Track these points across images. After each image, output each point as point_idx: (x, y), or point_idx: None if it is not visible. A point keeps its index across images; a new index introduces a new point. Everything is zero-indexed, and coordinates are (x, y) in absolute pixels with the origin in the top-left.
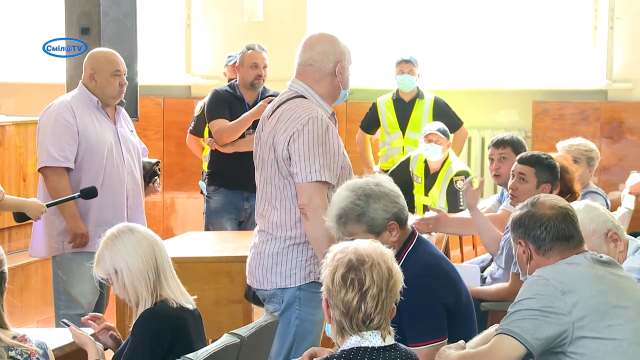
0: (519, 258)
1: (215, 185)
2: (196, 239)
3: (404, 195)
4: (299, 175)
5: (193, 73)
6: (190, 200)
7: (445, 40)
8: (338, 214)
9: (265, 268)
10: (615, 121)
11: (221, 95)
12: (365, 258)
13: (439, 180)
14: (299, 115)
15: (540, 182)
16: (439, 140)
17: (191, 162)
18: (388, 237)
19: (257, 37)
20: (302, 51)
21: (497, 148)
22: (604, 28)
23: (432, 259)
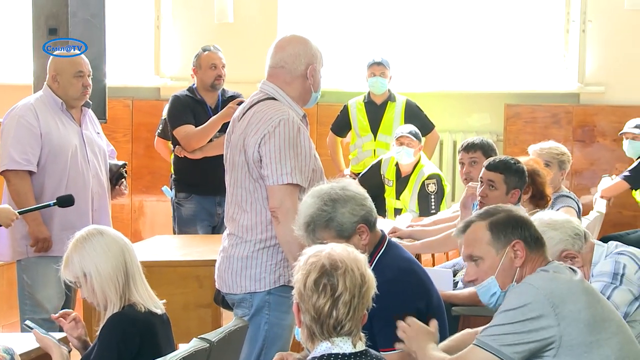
0: (506, 266)
1: (185, 192)
2: (165, 242)
3: (374, 199)
4: (270, 178)
5: (162, 75)
6: (159, 204)
7: (417, 42)
8: (306, 222)
9: (235, 272)
10: (587, 125)
11: (182, 100)
12: (339, 263)
13: (410, 183)
14: (270, 117)
15: (509, 189)
16: (411, 143)
17: (160, 165)
18: (358, 240)
19: (227, 39)
20: (274, 53)
21: (467, 152)
22: (576, 31)
23: (403, 263)
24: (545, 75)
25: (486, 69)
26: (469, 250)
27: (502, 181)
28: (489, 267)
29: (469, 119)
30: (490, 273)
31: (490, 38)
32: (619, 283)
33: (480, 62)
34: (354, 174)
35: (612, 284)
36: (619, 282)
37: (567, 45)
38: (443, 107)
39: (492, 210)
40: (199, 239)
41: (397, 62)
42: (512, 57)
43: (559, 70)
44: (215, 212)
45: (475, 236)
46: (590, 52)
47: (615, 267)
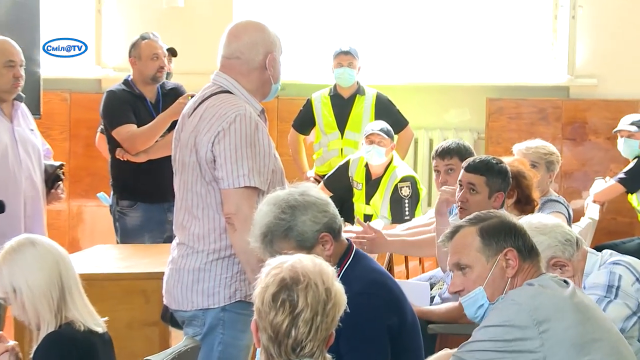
0: (496, 276)
1: (129, 200)
2: (107, 252)
3: (342, 204)
4: (224, 181)
5: (104, 65)
6: (99, 210)
7: (389, 29)
8: (262, 232)
9: (185, 286)
10: (577, 121)
11: (120, 96)
12: (301, 277)
13: (381, 186)
14: (224, 112)
15: (492, 192)
16: (382, 141)
17: (101, 166)
18: (322, 251)
19: (177, 25)
20: (228, 41)
21: (442, 159)
22: (565, 17)
23: (373, 275)
24: (531, 66)
25: (466, 59)
26: (457, 258)
27: (483, 184)
28: (478, 277)
29: (446, 114)
30: (479, 283)
31: (470, 24)
32: (614, 296)
33: (459, 52)
34: (318, 176)
35: (606, 297)
36: (614, 296)
37: (556, 32)
38: (418, 102)
39: (484, 215)
40: (146, 249)
41: (366, 51)
42: (495, 46)
43: (546, 60)
44: (166, 219)
45: (464, 242)
46: (581, 41)
47: (610, 278)
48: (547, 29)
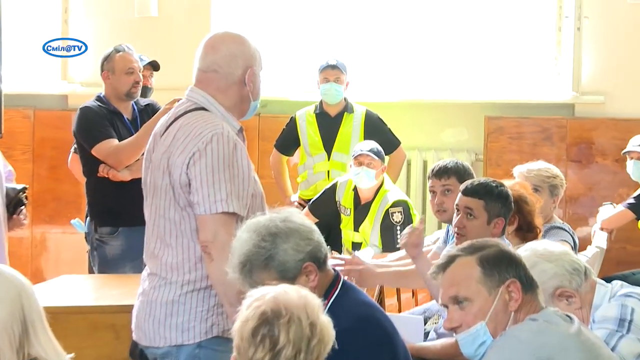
0: (499, 310)
1: (110, 226)
2: (73, 284)
3: (329, 231)
4: (200, 206)
5: (71, 80)
6: (65, 236)
7: (379, 41)
8: (241, 262)
9: (157, 320)
10: (584, 141)
11: (98, 112)
12: (283, 310)
13: (371, 212)
14: (200, 131)
15: (491, 217)
16: (372, 163)
17: (67, 190)
18: (305, 282)
19: (150, 36)
20: (204, 54)
21: (439, 179)
22: (569, 29)
23: (362, 309)
24: (534, 82)
25: (462, 73)
26: (454, 291)
27: (481, 208)
28: (479, 311)
29: (441, 134)
30: (480, 318)
31: (467, 37)
32: (626, 331)
33: (455, 66)
34: (303, 200)
35: (617, 331)
36: (626, 330)
37: (560, 46)
38: (411, 120)
39: (479, 244)
40: (117, 280)
41: (355, 65)
42: (494, 60)
43: (549, 76)
44: None
45: (463, 273)
46: (587, 55)
47: (622, 311)
48: (551, 42)
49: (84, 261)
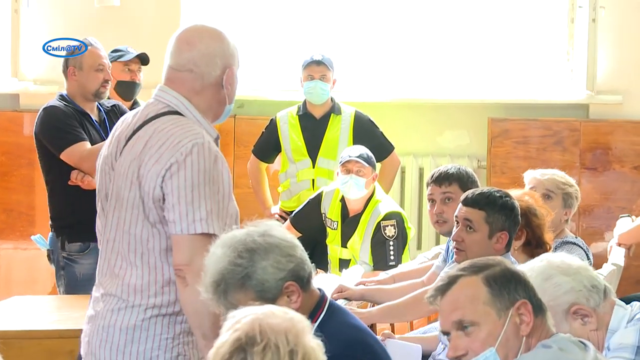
0: (510, 335)
1: (80, 242)
2: (27, 305)
3: (313, 247)
4: (177, 225)
5: (22, 77)
6: (17, 253)
7: (370, 34)
8: (215, 281)
9: (116, 347)
10: (599, 146)
11: (66, 112)
12: (258, 337)
13: (361, 225)
14: (178, 140)
15: (493, 231)
16: (362, 170)
17: (19, 200)
18: (287, 303)
19: (112, 29)
20: (177, 50)
21: (439, 185)
22: (584, 21)
23: (351, 332)
24: (543, 80)
25: (464, 71)
26: (458, 315)
27: (482, 220)
28: (488, 336)
29: (440, 138)
30: (489, 343)
31: (469, 30)
32: None
33: (456, 62)
34: (284, 212)
35: None
36: None
37: (572, 39)
38: (405, 122)
39: (482, 262)
40: (78, 301)
41: (343, 60)
42: (499, 56)
43: (561, 73)
44: None
45: (467, 294)
46: (603, 49)
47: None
48: (562, 35)
49: (38, 280)
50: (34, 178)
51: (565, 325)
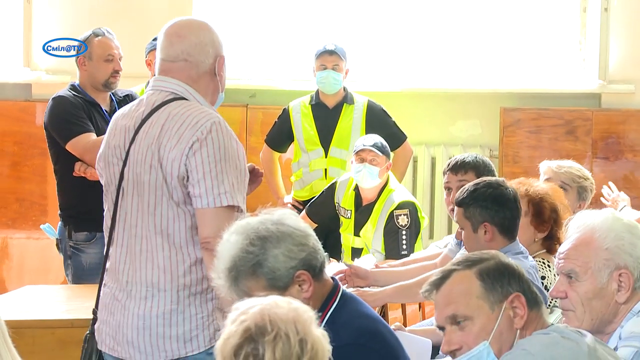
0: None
1: (87, 232)
2: (39, 295)
3: (327, 236)
4: (202, 199)
5: (34, 67)
6: (30, 242)
7: (383, 24)
8: (227, 267)
9: (155, 334)
10: (611, 135)
11: (73, 102)
12: (268, 326)
13: (374, 214)
14: (196, 120)
15: (475, 225)
16: (375, 159)
17: (32, 190)
18: (298, 292)
19: (124, 18)
20: (169, 43)
21: (455, 174)
22: (596, 10)
23: (365, 322)
24: (555, 69)
25: (476, 60)
26: (451, 309)
27: (463, 217)
28: (481, 329)
29: (452, 127)
30: (483, 337)
31: (481, 19)
32: None
33: (468, 52)
34: (297, 202)
35: None
36: None
37: (584, 28)
38: (417, 112)
39: (476, 257)
40: (89, 290)
41: (355, 50)
42: (511, 45)
43: (573, 62)
44: None
45: (461, 289)
46: (615, 38)
47: None
48: (574, 25)
49: (50, 270)
50: (46, 168)
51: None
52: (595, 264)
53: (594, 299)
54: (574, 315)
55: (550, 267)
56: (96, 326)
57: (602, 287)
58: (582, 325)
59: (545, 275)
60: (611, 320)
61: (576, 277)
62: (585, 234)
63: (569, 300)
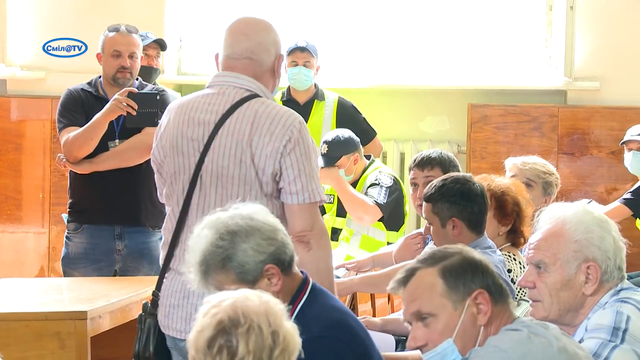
0: (467, 325)
1: (76, 222)
2: (14, 287)
3: None
4: (299, 195)
5: (9, 62)
6: (4, 236)
7: (352, 21)
8: (197, 261)
9: None
10: (577, 132)
11: (73, 96)
12: (241, 318)
13: (359, 186)
14: (285, 119)
15: (443, 220)
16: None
17: (6, 184)
18: (267, 286)
19: (105, 13)
20: (235, 40)
21: (421, 169)
22: (561, 8)
23: (334, 315)
24: (522, 66)
25: (444, 57)
26: (416, 306)
27: (431, 212)
28: (445, 327)
29: (421, 123)
30: (447, 335)
31: (448, 16)
32: (620, 341)
33: (436, 49)
34: None
35: (610, 341)
36: (619, 340)
37: (550, 26)
38: (387, 108)
39: (440, 253)
40: (65, 283)
41: (325, 47)
42: (478, 42)
43: (539, 60)
44: (114, 247)
45: (424, 286)
46: (580, 36)
47: (616, 319)
48: (541, 22)
49: (25, 263)
50: (20, 162)
51: (572, 270)
52: (564, 255)
53: (562, 290)
54: (542, 306)
55: (516, 259)
56: (164, 312)
57: (570, 279)
58: (550, 315)
59: (512, 268)
60: (578, 311)
61: (545, 268)
62: (555, 225)
63: (537, 290)
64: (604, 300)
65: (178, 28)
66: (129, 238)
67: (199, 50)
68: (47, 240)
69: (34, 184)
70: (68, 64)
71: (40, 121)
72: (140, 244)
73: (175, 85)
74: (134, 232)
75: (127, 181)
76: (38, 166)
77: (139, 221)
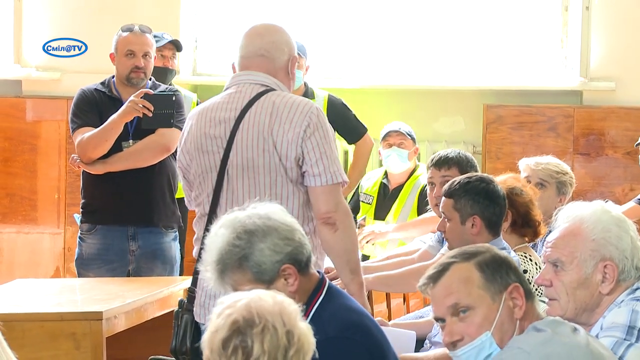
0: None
1: (89, 223)
2: (29, 288)
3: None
4: (322, 177)
5: (25, 63)
6: (19, 237)
7: (367, 22)
8: (214, 260)
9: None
10: (592, 132)
11: (87, 96)
12: (256, 319)
13: (402, 195)
14: (302, 106)
15: (464, 217)
16: (403, 142)
17: (22, 185)
18: (284, 286)
19: (121, 14)
20: (250, 42)
21: (438, 169)
22: (577, 8)
23: (350, 316)
24: (537, 67)
25: (459, 57)
26: (453, 299)
27: (452, 208)
28: (483, 320)
29: (436, 124)
30: (485, 327)
31: (464, 16)
32: (635, 339)
33: (451, 49)
34: None
35: (625, 340)
36: (634, 339)
37: (566, 27)
38: (401, 109)
39: (472, 250)
40: (79, 284)
41: (342, 47)
42: (494, 42)
43: (555, 60)
44: (128, 248)
45: (461, 279)
46: (596, 37)
47: (632, 318)
48: (556, 23)
49: (40, 264)
50: (36, 163)
51: (589, 268)
52: (582, 254)
53: (579, 289)
54: (558, 304)
55: (532, 260)
56: (200, 302)
57: (587, 278)
58: (566, 314)
59: (528, 268)
60: (594, 310)
61: (562, 266)
62: (573, 224)
63: (554, 288)
64: (620, 299)
65: (193, 29)
66: (143, 239)
67: (215, 51)
68: (63, 240)
69: (50, 185)
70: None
71: (55, 122)
72: (153, 245)
73: (191, 85)
74: (147, 232)
75: (140, 182)
76: (53, 167)
77: (152, 222)
